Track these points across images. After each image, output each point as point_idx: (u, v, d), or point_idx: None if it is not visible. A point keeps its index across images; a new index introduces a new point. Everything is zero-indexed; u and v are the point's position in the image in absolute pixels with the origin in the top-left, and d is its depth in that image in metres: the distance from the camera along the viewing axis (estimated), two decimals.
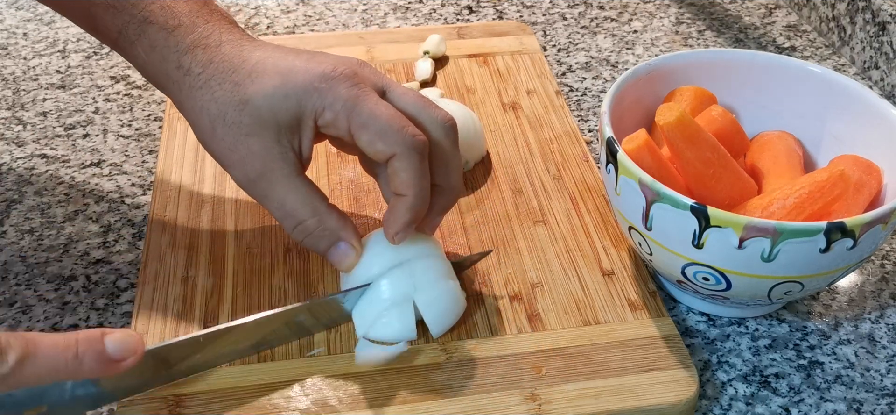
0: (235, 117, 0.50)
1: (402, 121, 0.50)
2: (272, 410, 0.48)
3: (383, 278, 0.51)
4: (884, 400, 0.51)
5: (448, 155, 0.52)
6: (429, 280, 0.51)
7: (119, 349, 0.42)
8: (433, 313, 0.51)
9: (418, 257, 0.52)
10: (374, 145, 0.50)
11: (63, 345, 0.41)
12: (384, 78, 0.53)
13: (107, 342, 0.42)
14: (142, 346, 0.43)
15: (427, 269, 0.52)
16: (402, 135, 0.49)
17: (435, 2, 0.90)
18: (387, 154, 0.50)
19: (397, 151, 0.49)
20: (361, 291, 0.52)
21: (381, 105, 0.50)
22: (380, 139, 0.49)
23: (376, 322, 0.51)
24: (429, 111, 0.52)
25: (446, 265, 0.53)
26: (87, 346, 0.41)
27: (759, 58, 0.60)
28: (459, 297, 0.53)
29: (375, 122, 0.49)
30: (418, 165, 0.50)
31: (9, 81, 0.77)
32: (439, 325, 0.52)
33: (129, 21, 0.53)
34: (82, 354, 0.41)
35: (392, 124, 0.49)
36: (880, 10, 0.76)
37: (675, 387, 0.49)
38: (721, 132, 0.56)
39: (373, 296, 0.51)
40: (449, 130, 0.52)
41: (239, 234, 0.59)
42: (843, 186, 0.50)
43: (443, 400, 0.48)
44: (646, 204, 0.49)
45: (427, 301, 0.51)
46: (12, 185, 0.65)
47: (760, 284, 0.49)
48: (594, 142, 0.70)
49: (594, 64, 0.81)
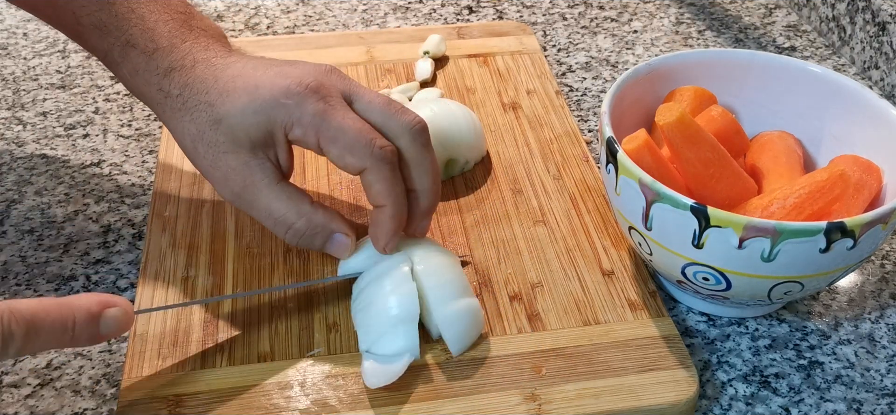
0: (212, 137, 0.52)
1: (368, 134, 0.50)
2: (272, 410, 0.48)
3: (393, 295, 0.50)
4: (884, 400, 0.51)
5: (418, 159, 0.52)
6: (445, 297, 0.51)
7: (111, 329, 0.45)
8: (453, 331, 0.50)
9: (434, 274, 0.51)
10: (343, 159, 0.51)
11: (61, 325, 0.43)
12: (351, 84, 0.53)
13: (101, 325, 0.44)
14: (131, 322, 0.46)
15: (443, 286, 0.51)
16: (369, 148, 0.50)
17: (435, 2, 0.90)
18: (357, 168, 0.51)
19: (367, 164, 0.50)
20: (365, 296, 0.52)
21: (348, 119, 0.51)
22: (349, 154, 0.50)
23: (381, 338, 0.50)
24: (396, 119, 0.52)
25: (464, 282, 0.52)
26: (82, 327, 0.43)
27: (759, 58, 0.60)
28: (478, 313, 0.52)
29: (343, 136, 0.50)
30: (389, 175, 0.51)
31: (9, 81, 0.77)
32: (459, 343, 0.51)
33: (114, 44, 0.54)
34: (78, 333, 0.43)
35: (359, 139, 0.50)
36: (880, 10, 0.76)
37: (675, 387, 0.49)
38: (721, 132, 0.56)
39: (380, 311, 0.50)
40: (417, 135, 0.52)
41: (239, 234, 0.59)
42: (843, 186, 0.50)
43: (443, 400, 0.48)
44: (646, 204, 0.49)
45: (446, 319, 0.50)
46: (12, 185, 0.65)
47: (760, 284, 0.49)
48: (594, 142, 0.70)
49: (594, 64, 0.81)
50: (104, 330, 0.44)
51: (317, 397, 0.49)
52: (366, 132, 0.50)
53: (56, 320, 0.42)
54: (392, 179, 0.51)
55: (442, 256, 0.53)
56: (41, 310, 0.42)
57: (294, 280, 0.56)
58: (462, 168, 0.64)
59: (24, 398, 0.50)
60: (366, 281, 0.52)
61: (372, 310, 0.50)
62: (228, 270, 0.56)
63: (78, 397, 0.50)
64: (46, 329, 0.42)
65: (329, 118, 0.50)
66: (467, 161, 0.64)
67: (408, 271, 0.51)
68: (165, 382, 0.49)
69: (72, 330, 0.43)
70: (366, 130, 0.51)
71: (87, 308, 0.44)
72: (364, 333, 0.51)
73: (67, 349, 0.53)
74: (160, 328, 0.52)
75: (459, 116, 0.63)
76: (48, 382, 0.51)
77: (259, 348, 0.51)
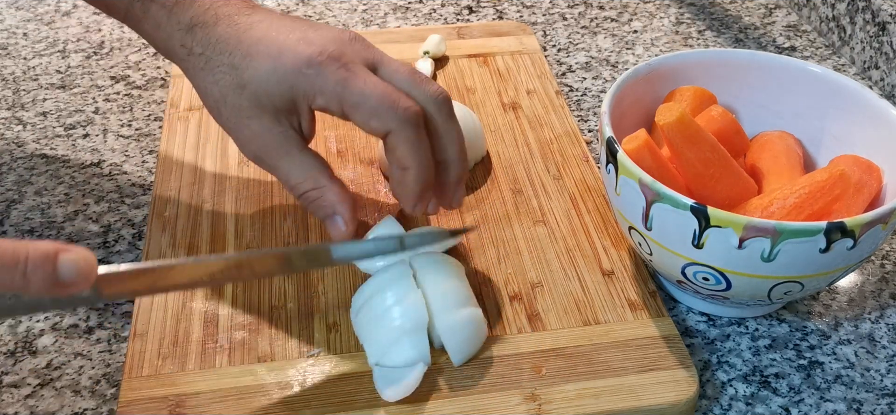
0: (235, 100, 0.51)
1: (393, 96, 0.50)
2: (272, 410, 0.48)
3: (396, 306, 0.49)
4: (884, 400, 0.51)
5: (445, 128, 0.52)
6: (448, 306, 0.50)
7: (71, 274, 0.39)
8: (454, 340, 0.49)
9: (436, 282, 0.50)
10: (368, 124, 0.50)
11: (11, 261, 0.38)
12: (375, 52, 0.53)
13: (60, 264, 0.39)
14: (94, 271, 0.40)
15: (447, 295, 0.50)
16: (394, 110, 0.50)
17: (435, 2, 0.90)
18: (382, 131, 0.50)
19: (392, 126, 0.50)
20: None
21: (370, 83, 0.50)
22: (373, 118, 0.50)
23: (389, 351, 0.49)
24: (421, 87, 0.52)
25: (468, 291, 0.52)
26: (36, 266, 0.38)
27: (759, 58, 0.60)
28: (481, 323, 0.51)
29: (367, 101, 0.50)
30: (414, 136, 0.50)
31: (9, 81, 0.77)
32: (460, 353, 0.50)
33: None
34: (30, 273, 0.38)
35: (383, 101, 0.50)
36: (880, 10, 0.76)
37: (675, 387, 0.49)
38: (721, 132, 0.56)
39: (385, 324, 0.49)
40: (442, 104, 0.52)
41: (239, 234, 0.59)
42: (843, 186, 0.50)
43: (443, 400, 0.48)
44: (646, 204, 0.49)
45: (447, 328, 0.49)
46: (12, 185, 0.65)
47: (760, 284, 0.49)
48: (594, 142, 0.70)
49: (594, 64, 0.81)
50: (63, 272, 0.39)
51: (317, 397, 0.48)
52: (390, 94, 0.50)
53: (5, 256, 0.38)
54: (417, 140, 0.50)
55: (445, 265, 0.52)
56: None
57: (294, 281, 0.56)
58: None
59: (24, 398, 0.50)
60: (366, 294, 0.51)
61: (377, 322, 0.49)
62: None
63: (78, 397, 0.50)
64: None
65: (351, 85, 0.50)
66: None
67: (411, 280, 0.50)
68: (165, 382, 0.49)
69: (23, 268, 0.38)
70: (390, 92, 0.50)
71: (43, 250, 0.39)
72: (371, 346, 0.50)
73: (67, 350, 0.53)
74: (160, 328, 0.52)
75: (460, 116, 0.63)
76: (48, 382, 0.51)
77: (259, 348, 0.51)
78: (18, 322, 0.54)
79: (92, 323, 0.55)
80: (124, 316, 0.55)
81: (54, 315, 0.55)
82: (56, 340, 0.53)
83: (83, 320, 0.55)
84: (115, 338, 0.54)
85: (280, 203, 0.62)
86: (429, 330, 0.50)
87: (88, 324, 0.54)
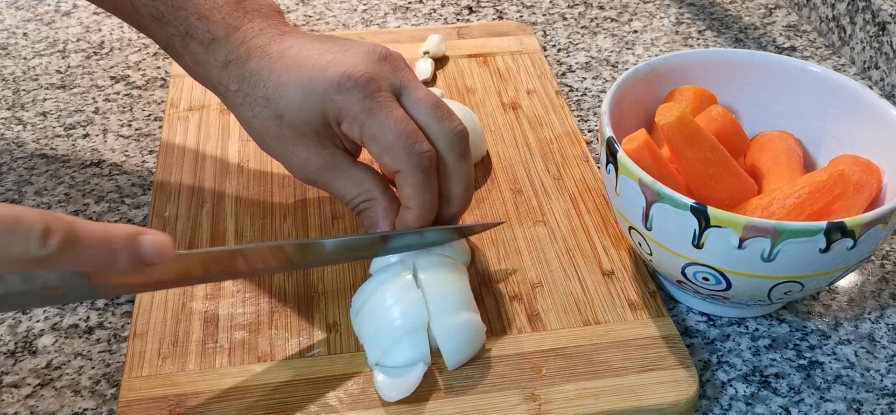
0: (277, 132, 0.52)
1: (410, 137, 0.50)
2: (272, 410, 0.48)
3: (396, 306, 0.49)
4: (884, 400, 0.51)
5: (455, 167, 0.52)
6: (446, 309, 0.49)
7: (153, 252, 0.41)
8: (450, 344, 0.49)
9: (436, 283, 0.50)
10: (380, 158, 0.51)
11: (102, 238, 0.40)
12: (403, 76, 0.52)
13: (142, 243, 0.41)
14: (173, 251, 0.43)
15: (446, 297, 0.50)
16: (408, 152, 0.50)
17: (435, 2, 0.90)
18: (393, 169, 0.51)
19: (402, 167, 0.50)
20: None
21: (391, 117, 0.50)
22: (386, 154, 0.50)
23: (389, 351, 0.49)
24: (441, 123, 0.51)
25: (468, 295, 0.51)
26: (124, 243, 0.41)
27: (759, 58, 0.60)
28: (479, 329, 0.50)
29: (385, 136, 0.50)
30: (422, 181, 0.50)
31: (9, 81, 0.77)
32: (455, 357, 0.50)
33: (173, 34, 0.54)
34: (119, 250, 0.40)
35: (400, 140, 0.50)
36: (880, 10, 0.76)
37: (675, 387, 0.49)
38: (721, 132, 0.56)
39: (385, 324, 0.49)
40: (457, 143, 0.52)
41: (239, 234, 0.59)
42: (843, 186, 0.50)
43: (443, 400, 0.48)
44: (646, 204, 0.49)
45: (444, 331, 0.49)
46: (12, 185, 0.65)
47: (760, 284, 0.49)
48: (594, 142, 0.70)
49: (594, 64, 0.81)
50: (146, 250, 0.41)
51: (317, 397, 0.48)
52: (407, 135, 0.50)
53: (97, 232, 0.40)
54: (424, 185, 0.51)
55: (447, 268, 0.52)
56: (81, 221, 0.40)
57: (294, 281, 0.56)
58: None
59: (24, 398, 0.50)
60: (366, 294, 0.51)
61: (376, 323, 0.49)
62: None
63: (78, 397, 0.50)
64: (87, 237, 0.39)
65: (373, 116, 0.50)
66: None
67: (411, 279, 0.50)
68: (165, 382, 0.49)
69: (112, 243, 0.40)
70: (407, 133, 0.50)
71: (126, 231, 0.41)
72: (371, 346, 0.49)
73: (67, 350, 0.53)
74: (160, 328, 0.52)
75: (460, 115, 0.63)
76: (48, 382, 0.51)
77: (259, 348, 0.51)
78: (18, 322, 0.54)
79: (92, 323, 0.55)
80: (124, 316, 0.55)
81: (54, 315, 0.55)
82: (56, 340, 0.53)
83: (83, 320, 0.55)
84: (115, 338, 0.54)
85: (280, 203, 0.62)
86: (428, 330, 0.50)
87: (88, 324, 0.55)
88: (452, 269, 0.52)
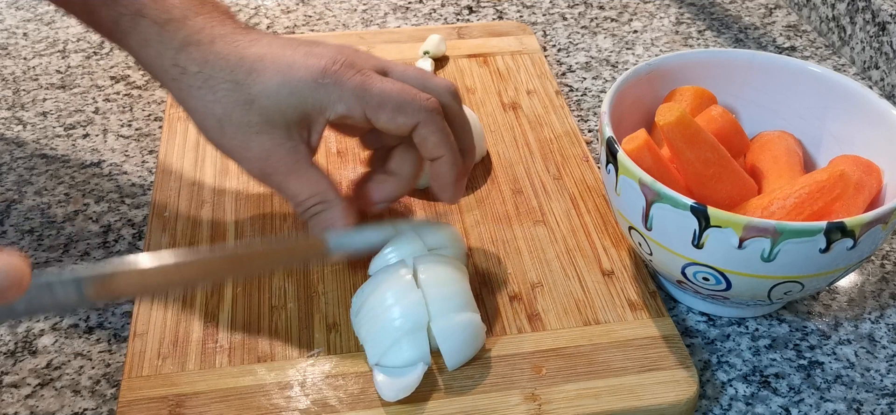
0: (243, 117, 0.51)
1: (413, 91, 0.51)
2: (272, 410, 0.48)
3: (396, 306, 0.49)
4: (884, 400, 0.51)
5: (458, 118, 0.54)
6: (446, 310, 0.49)
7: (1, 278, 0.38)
8: (449, 344, 0.49)
9: (436, 283, 0.50)
10: (395, 121, 0.51)
11: None
12: (381, 60, 0.54)
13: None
14: (27, 278, 0.39)
15: (446, 298, 0.50)
16: (418, 103, 0.51)
17: (435, 2, 0.90)
18: (410, 125, 0.51)
19: (420, 118, 0.51)
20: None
21: (387, 84, 0.51)
22: (399, 114, 0.50)
23: (389, 351, 0.49)
24: (432, 81, 0.53)
25: (468, 296, 0.51)
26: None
27: (759, 58, 0.60)
28: (479, 329, 0.50)
29: (390, 99, 0.50)
30: (442, 124, 0.52)
31: (9, 81, 0.77)
32: (455, 357, 0.49)
33: (123, 13, 0.53)
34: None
35: (406, 97, 0.51)
36: (880, 10, 0.76)
37: (675, 387, 0.49)
38: (721, 132, 0.56)
39: (385, 324, 0.49)
40: (454, 95, 0.54)
41: (239, 234, 0.59)
42: (843, 186, 0.50)
43: (443, 400, 0.48)
44: (646, 204, 0.49)
45: (444, 332, 0.49)
46: (12, 185, 0.65)
47: (760, 284, 0.49)
48: (594, 142, 0.70)
49: (594, 64, 0.81)
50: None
51: (317, 397, 0.49)
52: (410, 91, 0.51)
53: None
54: (445, 128, 0.52)
55: (448, 268, 0.51)
56: None
57: (294, 281, 0.56)
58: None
59: (24, 398, 0.50)
60: (366, 294, 0.51)
61: (376, 323, 0.49)
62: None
63: (78, 397, 0.50)
64: None
65: (371, 87, 0.50)
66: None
67: (411, 279, 0.50)
68: (165, 382, 0.49)
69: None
70: (409, 89, 0.51)
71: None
72: (371, 346, 0.49)
73: (67, 350, 0.53)
74: (160, 328, 0.52)
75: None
76: (48, 382, 0.51)
77: (259, 348, 0.51)
78: (18, 322, 0.54)
79: (92, 323, 0.55)
80: (124, 316, 0.55)
81: (54, 315, 0.55)
82: (56, 340, 0.53)
83: (83, 319, 0.55)
84: (115, 338, 0.54)
85: (280, 203, 0.62)
86: (428, 330, 0.50)
87: (88, 324, 0.55)
88: (453, 268, 0.51)
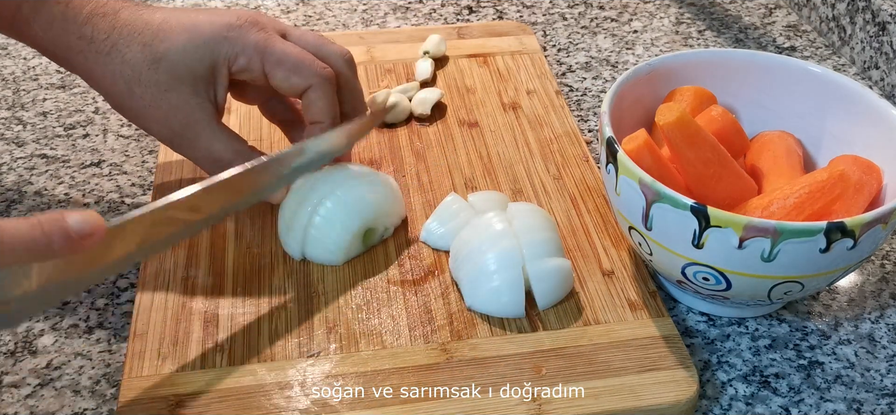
0: (151, 76, 0.54)
1: (310, 56, 0.55)
2: (272, 410, 0.48)
3: (490, 251, 0.52)
4: (884, 400, 0.51)
5: (352, 84, 0.58)
6: (540, 253, 0.53)
7: (81, 225, 0.41)
8: (543, 286, 0.53)
9: (530, 230, 0.53)
10: (289, 80, 0.55)
11: (27, 227, 0.40)
12: (283, 23, 0.58)
13: (70, 219, 0.41)
14: (103, 223, 0.42)
15: (540, 243, 0.53)
16: (313, 68, 0.55)
17: (435, 2, 0.90)
18: (302, 87, 0.55)
19: (313, 81, 0.55)
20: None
21: (288, 45, 0.56)
22: (294, 74, 0.55)
23: (486, 296, 0.52)
24: (328, 47, 0.58)
25: (558, 243, 0.54)
26: (51, 224, 0.40)
27: (759, 58, 0.60)
28: (568, 274, 0.54)
29: (288, 59, 0.55)
30: (331, 92, 0.56)
31: (9, 81, 0.77)
32: (547, 298, 0.53)
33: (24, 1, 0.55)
34: (49, 232, 0.40)
35: (303, 60, 0.55)
36: (880, 10, 0.76)
37: (675, 387, 0.49)
38: (721, 132, 0.56)
39: (481, 269, 0.52)
40: (348, 62, 0.58)
41: (239, 234, 0.59)
42: (843, 186, 0.50)
43: (443, 400, 0.48)
44: (646, 204, 0.49)
45: (538, 274, 0.52)
46: (12, 185, 0.65)
47: (760, 284, 0.49)
48: (594, 142, 0.70)
49: (594, 64, 0.81)
50: (73, 224, 0.41)
51: (317, 397, 0.49)
52: (307, 55, 0.55)
53: (20, 224, 0.40)
54: (333, 96, 0.56)
55: (540, 216, 0.55)
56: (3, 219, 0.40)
57: (294, 280, 0.56)
58: (382, 235, 0.59)
59: (24, 398, 0.50)
60: (463, 239, 0.54)
61: (472, 268, 0.53)
62: (228, 270, 0.56)
63: (78, 397, 0.50)
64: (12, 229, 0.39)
65: (272, 45, 0.55)
66: (386, 228, 0.59)
67: (505, 227, 0.53)
68: (165, 382, 0.49)
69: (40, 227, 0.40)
70: (307, 54, 0.55)
71: (49, 214, 0.41)
72: (469, 290, 0.53)
73: (67, 350, 0.53)
74: (160, 328, 0.52)
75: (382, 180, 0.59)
76: (48, 382, 0.51)
77: (259, 348, 0.51)
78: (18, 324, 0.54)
79: (92, 323, 0.55)
80: (124, 316, 0.55)
81: (54, 315, 0.55)
82: (56, 340, 0.53)
83: (83, 320, 0.55)
84: (115, 338, 0.54)
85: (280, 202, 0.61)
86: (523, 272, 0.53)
87: (88, 324, 0.55)
88: (545, 219, 0.55)
